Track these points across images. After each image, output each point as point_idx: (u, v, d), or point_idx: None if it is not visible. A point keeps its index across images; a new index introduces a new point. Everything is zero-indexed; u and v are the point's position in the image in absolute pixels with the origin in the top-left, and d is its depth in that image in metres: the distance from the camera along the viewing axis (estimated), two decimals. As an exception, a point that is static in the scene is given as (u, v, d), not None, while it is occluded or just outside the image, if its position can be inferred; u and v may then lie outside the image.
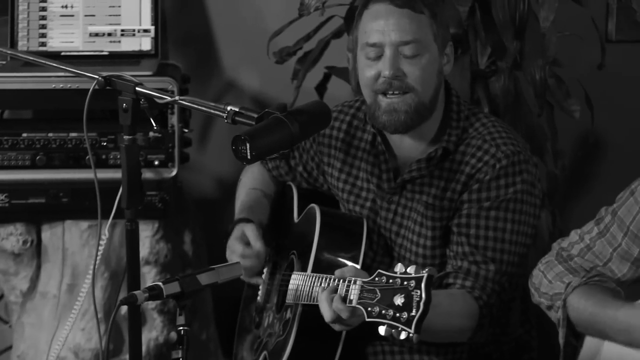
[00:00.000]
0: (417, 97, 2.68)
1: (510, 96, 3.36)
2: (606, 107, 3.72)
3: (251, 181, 3.08)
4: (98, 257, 3.33)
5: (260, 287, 2.99)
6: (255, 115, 2.39)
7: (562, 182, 3.56)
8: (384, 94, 2.69)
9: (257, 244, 2.82)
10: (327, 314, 2.42)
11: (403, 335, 2.15)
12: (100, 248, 3.33)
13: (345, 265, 2.68)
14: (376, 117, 2.71)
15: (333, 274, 2.50)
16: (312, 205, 2.84)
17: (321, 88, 3.63)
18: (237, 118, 2.41)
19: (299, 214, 2.94)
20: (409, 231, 2.79)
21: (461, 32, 3.24)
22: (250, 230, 2.84)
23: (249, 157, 2.32)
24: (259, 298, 2.98)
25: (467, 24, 3.28)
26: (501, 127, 2.77)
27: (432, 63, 2.69)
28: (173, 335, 2.29)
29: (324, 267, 2.69)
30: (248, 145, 2.31)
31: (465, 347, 2.77)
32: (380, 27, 2.67)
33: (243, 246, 2.83)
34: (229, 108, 2.42)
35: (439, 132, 2.76)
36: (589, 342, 2.49)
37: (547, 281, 2.54)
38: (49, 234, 3.47)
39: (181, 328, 2.29)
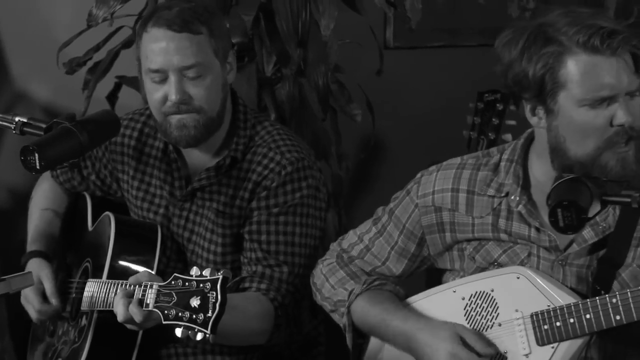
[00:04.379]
0: (205, 115, 2.71)
1: (296, 102, 3.42)
2: (385, 111, 3.84)
3: (43, 200, 3.03)
4: None
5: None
6: (44, 126, 2.39)
7: (346, 183, 3.64)
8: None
9: (53, 301, 2.82)
10: (122, 317, 2.41)
11: (199, 336, 2.18)
12: None
13: (140, 271, 2.69)
14: (168, 133, 2.73)
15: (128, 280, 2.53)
16: (107, 213, 2.85)
17: (112, 97, 3.61)
18: (25, 129, 2.40)
19: (93, 222, 2.94)
20: (200, 237, 2.83)
21: (247, 41, 3.27)
22: (48, 283, 2.82)
23: (38, 167, 2.32)
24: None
25: (252, 32, 3.32)
26: (285, 135, 2.83)
27: (216, 80, 2.72)
28: (-36, 347, 2.27)
29: (119, 274, 2.70)
30: (37, 155, 2.31)
31: (258, 347, 2.81)
32: (162, 53, 2.66)
33: (40, 301, 2.82)
34: (17, 119, 2.41)
35: (227, 140, 2.81)
36: (374, 340, 2.59)
37: (329, 286, 2.63)
38: None
39: (-28, 340, 2.28)
